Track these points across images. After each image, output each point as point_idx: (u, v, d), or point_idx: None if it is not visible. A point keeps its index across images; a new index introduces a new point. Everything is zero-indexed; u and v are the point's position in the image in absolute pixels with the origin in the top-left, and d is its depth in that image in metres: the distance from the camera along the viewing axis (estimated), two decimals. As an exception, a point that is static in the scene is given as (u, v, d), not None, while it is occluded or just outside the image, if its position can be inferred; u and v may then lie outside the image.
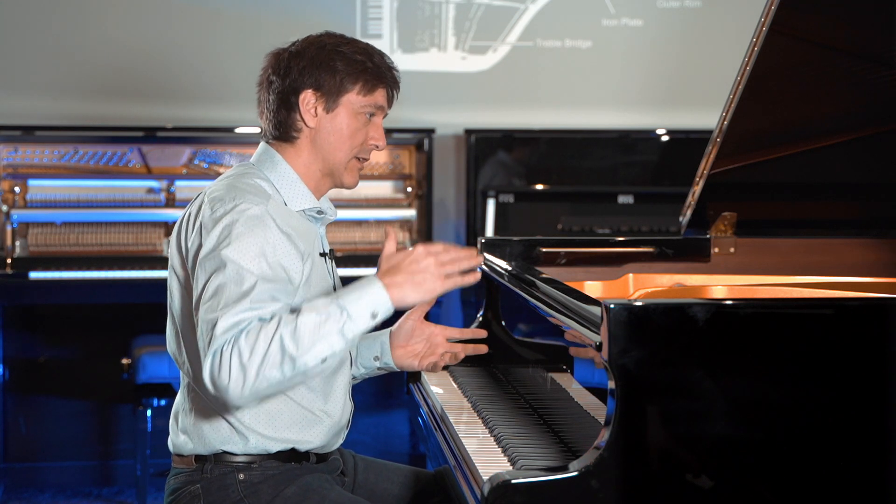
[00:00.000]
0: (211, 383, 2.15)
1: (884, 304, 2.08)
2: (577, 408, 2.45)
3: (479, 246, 3.14)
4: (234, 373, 2.12)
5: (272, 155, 2.44)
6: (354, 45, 2.44)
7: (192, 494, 2.38)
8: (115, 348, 4.76)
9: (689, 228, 3.13)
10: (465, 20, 5.34)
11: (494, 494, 1.95)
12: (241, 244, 2.24)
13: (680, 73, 5.45)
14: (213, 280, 2.22)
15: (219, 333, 2.16)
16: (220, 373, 2.13)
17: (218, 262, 2.24)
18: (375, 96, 2.43)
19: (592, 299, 2.19)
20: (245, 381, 2.13)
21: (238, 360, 2.13)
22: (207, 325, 2.19)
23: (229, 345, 2.14)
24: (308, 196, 2.43)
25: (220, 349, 2.15)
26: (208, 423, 2.36)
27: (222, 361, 2.13)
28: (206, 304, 2.21)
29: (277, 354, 2.13)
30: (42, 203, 4.83)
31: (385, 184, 5.13)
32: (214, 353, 2.15)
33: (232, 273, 2.21)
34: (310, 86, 2.40)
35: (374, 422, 5.16)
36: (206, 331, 2.18)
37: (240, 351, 2.13)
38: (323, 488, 2.39)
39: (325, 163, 2.44)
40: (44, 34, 5.09)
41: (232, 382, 2.13)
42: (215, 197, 2.33)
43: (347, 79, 2.40)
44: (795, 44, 2.78)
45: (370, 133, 2.45)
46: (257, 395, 2.17)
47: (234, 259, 2.23)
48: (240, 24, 5.01)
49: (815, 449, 2.02)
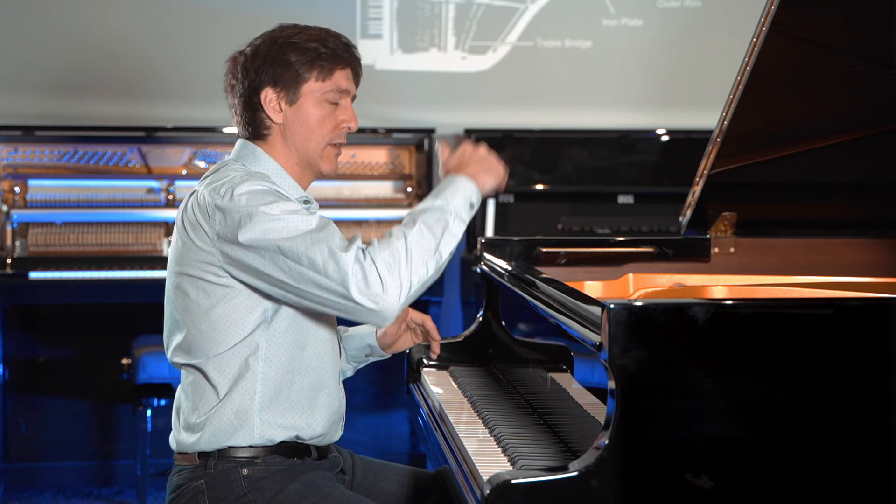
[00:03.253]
0: (367, 298, 2.17)
1: (884, 304, 2.08)
2: (577, 408, 2.45)
3: (479, 246, 3.14)
4: (388, 280, 2.18)
5: (253, 149, 2.46)
6: (307, 32, 2.45)
7: (195, 490, 2.38)
8: (115, 348, 4.76)
9: (689, 228, 3.13)
10: (465, 20, 5.34)
11: (494, 494, 1.95)
12: (267, 204, 2.26)
13: (680, 73, 5.45)
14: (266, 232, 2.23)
15: (342, 261, 2.18)
16: (372, 285, 2.17)
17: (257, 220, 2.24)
18: (335, 79, 2.44)
19: (592, 299, 2.19)
20: (402, 284, 2.19)
21: (386, 267, 2.18)
22: (312, 262, 2.20)
23: (370, 268, 2.18)
24: (295, 186, 2.45)
25: (363, 273, 2.17)
26: (213, 417, 2.36)
27: (368, 274, 2.17)
28: (283, 249, 2.22)
29: (420, 252, 2.22)
30: (42, 203, 4.83)
31: (385, 184, 5.13)
32: (354, 276, 2.17)
33: (280, 220, 2.23)
34: (268, 83, 2.41)
35: (374, 422, 5.16)
36: (322, 264, 2.19)
37: (384, 259, 2.19)
38: (326, 485, 2.40)
39: (300, 155, 2.45)
40: (44, 34, 5.09)
41: (391, 289, 2.18)
42: (214, 187, 2.33)
43: (303, 68, 2.41)
44: (795, 44, 2.78)
45: (339, 116, 2.46)
46: (411, 296, 2.23)
47: (271, 214, 2.24)
48: (240, 24, 5.01)
49: (815, 449, 2.02)
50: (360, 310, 2.20)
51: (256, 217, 2.25)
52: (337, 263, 2.19)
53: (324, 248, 2.20)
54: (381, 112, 5.20)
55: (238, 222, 2.26)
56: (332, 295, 2.21)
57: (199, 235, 2.33)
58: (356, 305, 2.19)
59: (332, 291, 2.20)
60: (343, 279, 2.18)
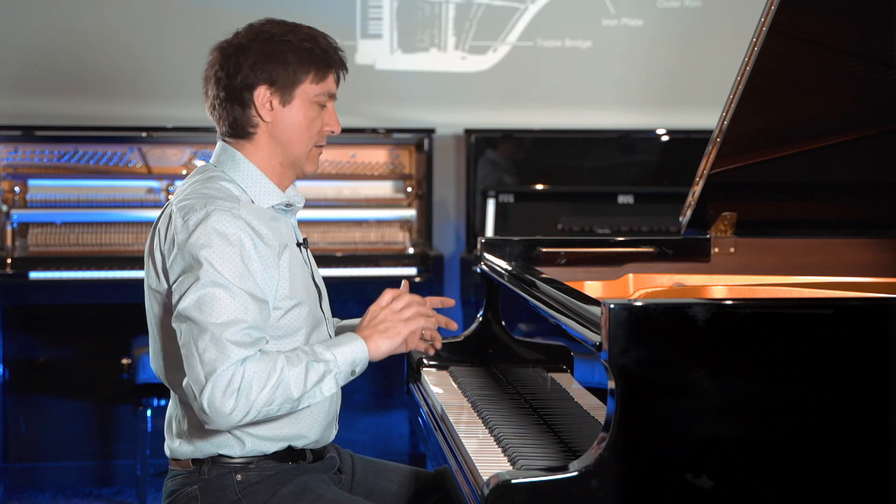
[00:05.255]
0: (210, 407, 2.18)
1: (884, 304, 2.08)
2: (577, 408, 2.45)
3: (479, 246, 3.14)
4: (240, 405, 2.18)
5: (232, 154, 2.42)
6: (299, 31, 2.43)
7: (189, 496, 2.38)
8: (115, 348, 4.76)
9: (689, 228, 3.13)
10: (465, 20, 5.34)
11: (494, 494, 1.95)
12: (222, 257, 2.24)
13: (680, 73, 5.45)
14: (197, 290, 2.22)
15: (221, 359, 2.18)
16: (225, 400, 2.17)
17: (202, 272, 2.23)
18: (328, 83, 2.43)
19: (592, 299, 2.19)
20: (247, 415, 2.20)
21: (246, 395, 2.18)
22: (204, 343, 2.19)
23: (238, 376, 2.18)
24: (274, 191, 2.43)
25: (229, 377, 2.18)
26: (204, 429, 2.35)
27: (228, 390, 2.17)
28: (195, 318, 2.21)
29: (281, 396, 2.21)
30: (42, 203, 4.83)
31: (385, 184, 5.12)
32: (218, 377, 2.17)
33: (219, 288, 2.22)
34: (263, 81, 2.38)
35: (374, 422, 5.15)
36: (204, 350, 2.19)
37: (249, 386, 2.19)
38: (319, 487, 2.40)
39: (285, 155, 2.43)
40: (44, 34, 5.09)
41: (236, 413, 2.18)
42: (186, 206, 2.31)
43: (300, 69, 2.39)
44: (795, 44, 2.78)
45: (325, 120, 2.45)
46: (244, 423, 2.23)
47: (219, 272, 2.23)
48: (240, 24, 5.00)
49: (815, 449, 2.02)
50: (196, 405, 2.21)
51: (206, 264, 2.23)
52: (215, 364, 2.19)
53: (228, 345, 2.19)
54: (381, 112, 5.20)
55: (189, 254, 2.26)
56: (191, 374, 2.22)
57: (168, 250, 2.32)
58: (196, 401, 2.21)
59: (195, 366, 2.21)
60: (202, 369, 2.19)
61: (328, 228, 4.94)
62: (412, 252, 4.91)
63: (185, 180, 2.45)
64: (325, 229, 4.92)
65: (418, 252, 4.89)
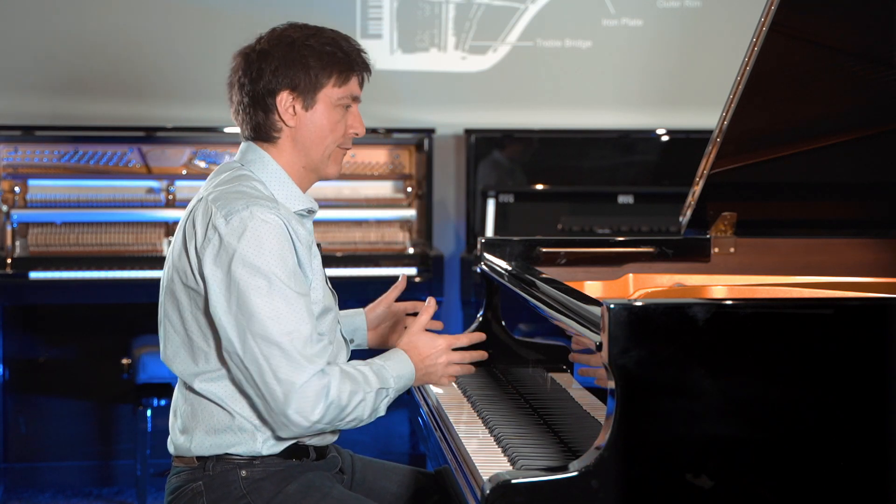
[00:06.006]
0: (298, 412, 2.23)
1: (884, 304, 2.08)
2: (577, 408, 2.45)
3: (479, 246, 3.14)
4: (329, 414, 2.26)
5: (261, 154, 2.42)
6: (321, 35, 2.42)
7: (194, 492, 2.37)
8: (115, 348, 4.76)
9: (689, 228, 3.13)
10: (465, 20, 5.34)
11: (494, 494, 1.95)
12: (273, 257, 2.26)
13: (680, 73, 5.45)
14: (256, 297, 2.24)
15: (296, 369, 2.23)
16: (316, 407, 2.24)
17: (257, 274, 2.24)
18: (350, 86, 2.43)
19: (592, 299, 2.19)
20: (332, 423, 2.29)
21: (337, 405, 2.26)
22: (276, 358, 2.23)
23: (325, 387, 2.24)
24: (299, 195, 2.43)
25: (324, 386, 2.24)
26: (212, 426, 2.35)
27: (318, 398, 2.24)
28: (258, 320, 2.23)
29: (359, 411, 2.31)
30: (42, 203, 4.83)
31: (385, 184, 5.13)
32: (306, 384, 2.22)
33: (279, 298, 2.25)
34: (285, 86, 2.38)
35: (374, 422, 5.14)
36: (278, 366, 2.22)
37: (339, 397, 2.26)
38: (324, 486, 2.40)
39: (308, 158, 2.43)
40: (44, 34, 5.09)
41: (324, 421, 2.26)
42: (228, 208, 2.29)
43: (322, 73, 2.39)
44: (795, 44, 2.78)
45: (349, 122, 2.45)
46: (313, 431, 2.31)
47: (280, 278, 2.25)
48: (240, 23, 5.01)
49: (815, 449, 2.02)
50: (275, 408, 2.26)
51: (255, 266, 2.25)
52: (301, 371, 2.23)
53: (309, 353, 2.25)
54: (381, 112, 5.20)
55: (239, 253, 2.26)
56: (265, 393, 2.25)
57: (206, 246, 2.30)
58: (281, 417, 2.26)
59: (271, 391, 2.24)
60: (283, 374, 2.24)
61: (328, 228, 4.94)
62: (412, 252, 4.91)
63: (211, 177, 2.44)
64: (325, 229, 4.92)
65: (418, 252, 4.89)
